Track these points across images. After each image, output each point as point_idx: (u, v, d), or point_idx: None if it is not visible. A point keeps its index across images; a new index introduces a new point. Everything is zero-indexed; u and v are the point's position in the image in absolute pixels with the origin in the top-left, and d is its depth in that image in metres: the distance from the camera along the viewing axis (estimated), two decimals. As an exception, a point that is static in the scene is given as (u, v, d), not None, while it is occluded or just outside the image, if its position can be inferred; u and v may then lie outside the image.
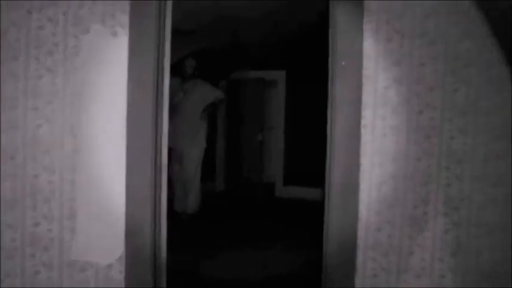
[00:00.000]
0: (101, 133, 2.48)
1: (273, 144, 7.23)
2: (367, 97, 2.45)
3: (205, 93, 5.27)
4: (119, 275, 2.49)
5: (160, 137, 2.60)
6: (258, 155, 6.73)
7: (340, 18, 2.50)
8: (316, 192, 5.95)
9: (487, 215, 2.44)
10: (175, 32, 2.70)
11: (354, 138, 2.47)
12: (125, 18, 2.45)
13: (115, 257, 2.49)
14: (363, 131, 2.46)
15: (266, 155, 7.07)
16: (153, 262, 2.55)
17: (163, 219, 2.66)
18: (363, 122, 2.46)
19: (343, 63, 2.46)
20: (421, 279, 2.48)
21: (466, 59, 2.41)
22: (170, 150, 3.36)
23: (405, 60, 2.44)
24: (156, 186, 2.56)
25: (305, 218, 5.34)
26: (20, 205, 2.44)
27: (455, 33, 2.41)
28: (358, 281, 2.50)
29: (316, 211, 3.19)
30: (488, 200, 2.44)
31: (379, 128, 2.46)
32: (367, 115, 2.46)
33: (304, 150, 6.57)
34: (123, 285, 2.49)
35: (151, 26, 2.49)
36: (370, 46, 2.45)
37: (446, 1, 2.41)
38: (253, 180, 6.70)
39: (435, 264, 2.47)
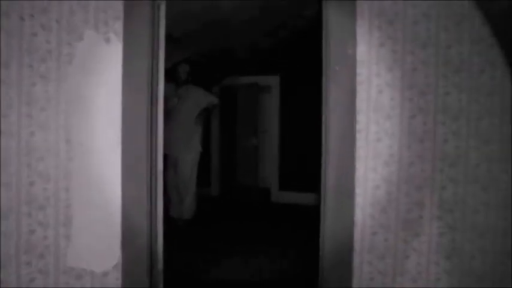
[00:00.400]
0: (96, 139, 2.48)
1: (267, 149, 7.23)
2: (361, 102, 2.47)
3: (198, 98, 5.26)
4: (115, 281, 2.49)
5: (156, 143, 2.60)
6: (253, 159, 6.71)
7: (332, 18, 2.51)
8: (312, 197, 5.97)
9: (481, 217, 2.46)
10: (168, 38, 2.70)
11: (348, 142, 2.48)
12: (118, 25, 2.46)
13: (111, 263, 2.49)
14: (357, 135, 2.48)
15: (261, 159, 7.06)
16: (149, 268, 2.55)
17: (160, 225, 2.66)
18: (357, 126, 2.47)
19: (336, 68, 2.47)
20: (417, 282, 2.49)
21: (457, 64, 2.43)
22: (165, 156, 3.36)
23: (397, 65, 2.46)
24: (152, 192, 2.56)
25: (301, 223, 5.36)
26: (15, 212, 2.42)
27: (446, 38, 2.44)
28: (354, 283, 2.51)
29: (312, 216, 3.20)
30: (481, 203, 2.45)
31: (373, 132, 2.48)
32: (362, 120, 2.48)
33: (299, 155, 6.59)
34: (120, 292, 2.49)
35: (145, 31, 2.49)
36: (363, 51, 2.47)
37: (436, 6, 2.43)
38: (248, 185, 6.69)
39: (431, 268, 2.48)
